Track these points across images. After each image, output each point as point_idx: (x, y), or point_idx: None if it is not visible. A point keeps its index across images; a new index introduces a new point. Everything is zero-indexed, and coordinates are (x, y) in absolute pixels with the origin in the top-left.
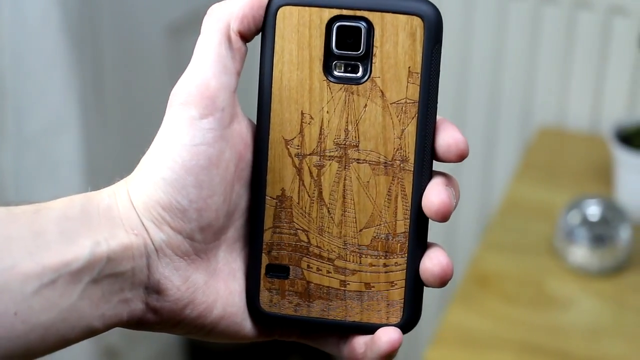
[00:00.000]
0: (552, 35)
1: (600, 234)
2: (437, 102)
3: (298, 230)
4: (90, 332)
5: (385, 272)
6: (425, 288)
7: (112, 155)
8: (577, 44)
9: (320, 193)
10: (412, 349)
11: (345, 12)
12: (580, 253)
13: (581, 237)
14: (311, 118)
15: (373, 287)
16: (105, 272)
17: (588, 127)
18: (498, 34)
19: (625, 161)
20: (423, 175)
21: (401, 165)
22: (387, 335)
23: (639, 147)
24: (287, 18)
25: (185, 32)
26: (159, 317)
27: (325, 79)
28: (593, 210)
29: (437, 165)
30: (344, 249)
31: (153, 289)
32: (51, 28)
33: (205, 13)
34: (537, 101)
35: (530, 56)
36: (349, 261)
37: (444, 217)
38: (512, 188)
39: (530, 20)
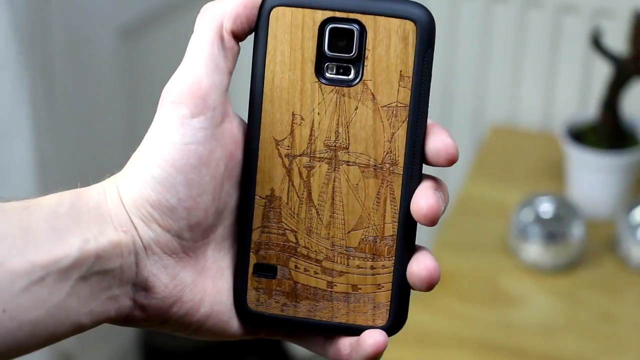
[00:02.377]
0: (503, 34)
1: (553, 231)
2: (428, 107)
3: (286, 231)
4: (78, 329)
5: (373, 275)
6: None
7: (63, 158)
8: (528, 42)
9: (309, 194)
10: None
11: (338, 14)
12: (534, 250)
13: (534, 234)
14: (302, 119)
15: (360, 289)
16: (93, 269)
17: (540, 125)
18: (449, 33)
19: (577, 158)
20: (412, 179)
21: (391, 168)
22: (373, 338)
23: (590, 145)
24: (280, 19)
25: (138, 35)
26: (146, 314)
27: (317, 80)
28: (546, 208)
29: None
30: (331, 250)
31: (141, 286)
32: (0, 29)
33: (157, 16)
34: (489, 100)
35: (481, 55)
36: (337, 262)
37: (432, 222)
38: (465, 187)
39: (481, 19)
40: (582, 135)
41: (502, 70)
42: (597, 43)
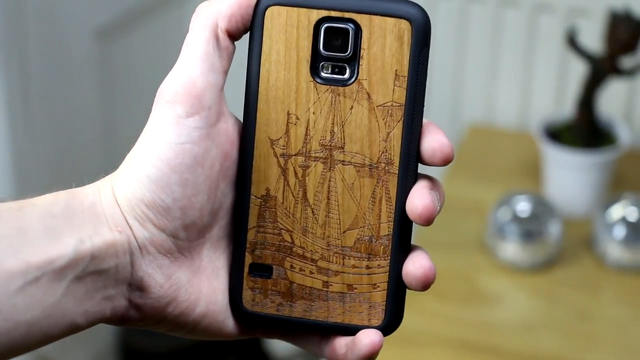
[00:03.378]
0: (479, 34)
1: (530, 230)
2: (423, 106)
3: (282, 230)
4: (73, 329)
5: (368, 274)
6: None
7: (40, 160)
8: (504, 42)
9: (304, 194)
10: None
11: (333, 13)
12: (511, 249)
13: (512, 233)
14: (297, 119)
15: (355, 288)
16: (89, 270)
17: (517, 125)
18: None
19: (554, 157)
20: (408, 178)
21: (386, 168)
22: (368, 338)
23: (567, 144)
24: (276, 18)
25: (114, 35)
26: (141, 314)
27: (312, 79)
28: (523, 207)
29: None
30: (327, 250)
31: (136, 286)
32: None
33: (133, 16)
34: (466, 99)
35: (458, 55)
36: (332, 262)
37: (427, 221)
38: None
39: (457, 19)
40: (558, 134)
41: (479, 69)
42: (572, 42)
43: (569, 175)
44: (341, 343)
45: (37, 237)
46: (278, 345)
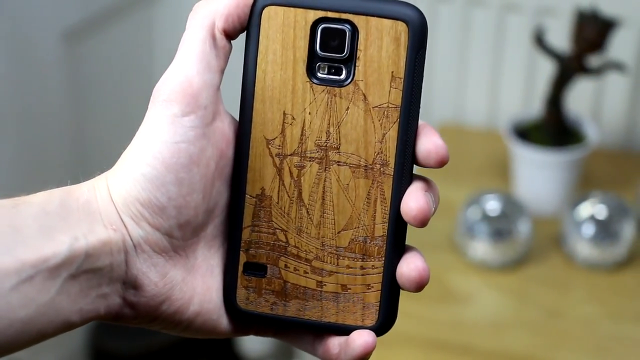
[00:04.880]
0: (447, 34)
1: (500, 229)
2: (419, 108)
3: (277, 230)
4: (67, 327)
5: (362, 275)
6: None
7: (6, 163)
8: (472, 41)
9: (299, 194)
10: None
11: (330, 14)
12: (481, 248)
13: (481, 232)
14: (293, 119)
15: (349, 289)
16: (83, 268)
17: (485, 123)
18: None
19: (523, 156)
20: (403, 179)
21: (381, 169)
22: (362, 338)
23: (535, 142)
24: (272, 18)
25: (82, 37)
26: (135, 312)
27: (309, 80)
28: (492, 205)
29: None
30: (321, 250)
31: (131, 284)
32: None
33: (101, 18)
34: (435, 99)
35: (426, 55)
36: (326, 262)
37: (422, 223)
38: None
39: (426, 18)
40: (527, 133)
41: (447, 69)
42: (540, 41)
43: (538, 174)
44: (335, 343)
45: (31, 235)
46: (250, 346)
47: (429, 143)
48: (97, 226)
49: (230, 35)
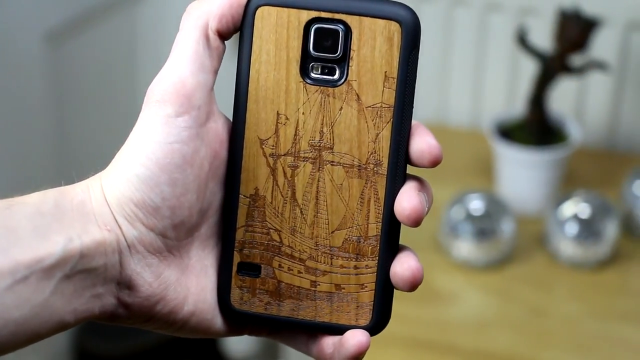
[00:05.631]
0: (431, 34)
1: (483, 228)
2: (412, 108)
3: (270, 230)
4: (62, 327)
5: (356, 275)
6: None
7: None
8: (454, 41)
9: (293, 193)
10: None
11: (323, 14)
12: (465, 247)
13: (465, 231)
14: (287, 119)
15: (343, 288)
16: (77, 268)
17: (469, 123)
18: None
19: (506, 155)
20: (396, 179)
21: (375, 169)
22: (356, 338)
23: (518, 142)
24: (266, 18)
25: (64, 38)
26: (130, 312)
27: (302, 80)
28: (476, 205)
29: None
30: (315, 249)
31: (125, 284)
32: None
33: (83, 20)
34: (418, 99)
35: None
36: (320, 262)
37: (415, 222)
38: None
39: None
40: (510, 133)
41: (430, 69)
42: (523, 41)
43: (521, 173)
44: (328, 342)
45: (26, 235)
46: (235, 347)
47: (422, 143)
48: (91, 227)
49: (223, 35)
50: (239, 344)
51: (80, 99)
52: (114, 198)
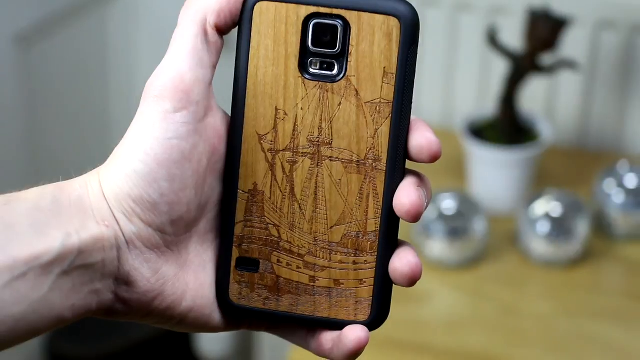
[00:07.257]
0: None
1: (455, 227)
2: (411, 103)
3: (269, 225)
4: (60, 322)
5: (355, 270)
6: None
7: None
8: (425, 41)
9: (292, 189)
10: (277, 350)
11: (322, 9)
12: (438, 247)
13: (437, 231)
14: (285, 114)
15: (342, 284)
16: (75, 264)
17: (440, 123)
18: None
19: (478, 155)
20: (395, 175)
21: (373, 164)
22: (354, 334)
23: (490, 141)
24: (264, 13)
25: (34, 41)
26: (128, 307)
27: (301, 75)
28: (448, 204)
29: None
30: (314, 245)
31: (123, 280)
32: None
33: (53, 21)
34: None
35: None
36: (319, 257)
37: (414, 218)
38: None
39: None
40: (481, 132)
41: None
42: (493, 40)
43: (493, 172)
44: (327, 338)
45: (24, 231)
46: (209, 347)
47: (421, 138)
48: (89, 222)
49: (222, 30)
50: (213, 344)
51: (51, 101)
52: (112, 194)
